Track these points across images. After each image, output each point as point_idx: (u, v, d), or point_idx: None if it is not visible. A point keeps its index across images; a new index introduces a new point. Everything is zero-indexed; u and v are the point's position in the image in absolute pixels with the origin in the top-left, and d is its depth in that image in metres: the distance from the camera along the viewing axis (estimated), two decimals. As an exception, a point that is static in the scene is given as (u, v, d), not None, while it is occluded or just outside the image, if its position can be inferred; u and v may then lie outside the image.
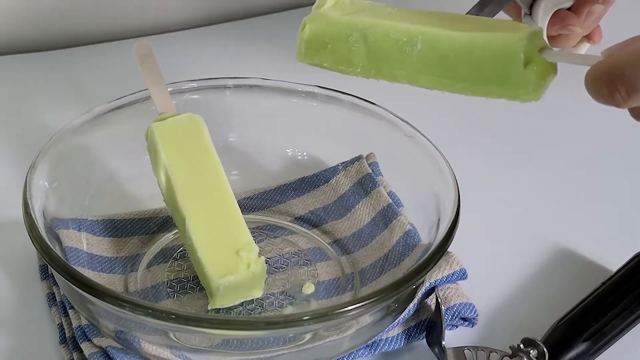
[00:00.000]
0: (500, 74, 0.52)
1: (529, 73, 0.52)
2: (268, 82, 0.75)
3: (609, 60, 0.50)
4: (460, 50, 0.53)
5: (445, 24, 0.55)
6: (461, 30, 0.54)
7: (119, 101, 0.71)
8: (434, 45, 0.54)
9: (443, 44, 0.54)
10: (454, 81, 0.54)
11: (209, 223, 0.63)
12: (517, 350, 0.60)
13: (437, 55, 0.54)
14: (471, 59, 0.53)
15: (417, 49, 0.54)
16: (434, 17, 0.57)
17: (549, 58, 0.52)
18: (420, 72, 0.55)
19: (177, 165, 0.65)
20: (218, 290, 0.61)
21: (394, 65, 0.56)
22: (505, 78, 0.52)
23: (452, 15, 0.57)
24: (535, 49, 0.53)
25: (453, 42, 0.53)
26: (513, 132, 0.86)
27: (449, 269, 0.64)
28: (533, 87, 0.52)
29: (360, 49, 0.57)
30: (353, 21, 0.57)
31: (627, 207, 0.78)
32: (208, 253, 0.62)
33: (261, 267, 0.62)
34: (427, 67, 0.54)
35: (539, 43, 0.53)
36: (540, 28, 0.54)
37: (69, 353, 0.61)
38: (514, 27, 0.54)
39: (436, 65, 0.54)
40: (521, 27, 0.54)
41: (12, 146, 0.81)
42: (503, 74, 0.52)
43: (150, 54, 0.69)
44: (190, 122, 0.67)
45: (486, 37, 0.53)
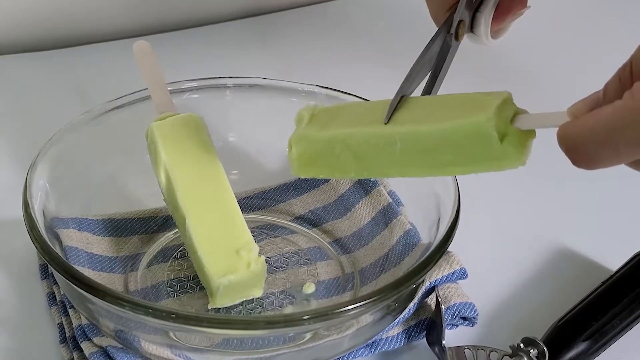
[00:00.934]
0: (481, 154, 0.53)
1: (507, 147, 0.53)
2: (268, 81, 0.75)
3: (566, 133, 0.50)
4: (437, 141, 0.54)
5: (415, 114, 0.57)
6: (432, 120, 0.55)
7: (119, 101, 0.71)
8: (412, 142, 0.56)
9: (419, 139, 0.55)
10: (441, 167, 0.56)
11: (209, 222, 0.63)
12: (517, 350, 0.60)
13: (418, 150, 0.55)
14: (450, 146, 0.54)
15: (397, 147, 0.56)
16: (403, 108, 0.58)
17: (522, 127, 0.53)
18: (407, 165, 0.56)
19: (177, 164, 0.65)
20: (218, 290, 0.61)
21: (382, 164, 0.57)
22: (487, 155, 0.53)
23: (419, 101, 0.58)
24: (506, 121, 0.53)
25: (428, 136, 0.55)
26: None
27: (449, 269, 0.64)
28: (515, 157, 0.53)
29: (348, 156, 0.58)
30: (332, 136, 0.59)
31: (627, 207, 0.78)
32: (208, 252, 0.62)
33: (261, 266, 0.62)
34: (412, 160, 0.56)
35: (509, 112, 0.53)
36: (507, 94, 0.54)
37: (69, 352, 0.61)
38: (481, 103, 0.54)
39: (420, 158, 0.56)
40: (487, 101, 0.54)
41: (12, 146, 0.81)
42: (483, 153, 0.53)
43: (150, 53, 0.69)
44: (190, 122, 0.67)
45: (457, 125, 0.54)
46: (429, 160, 0.55)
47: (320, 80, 0.74)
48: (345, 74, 0.89)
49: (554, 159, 0.83)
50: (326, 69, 0.92)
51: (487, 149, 0.53)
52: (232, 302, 0.63)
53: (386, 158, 0.57)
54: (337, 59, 0.96)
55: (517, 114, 0.53)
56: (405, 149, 0.56)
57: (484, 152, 0.53)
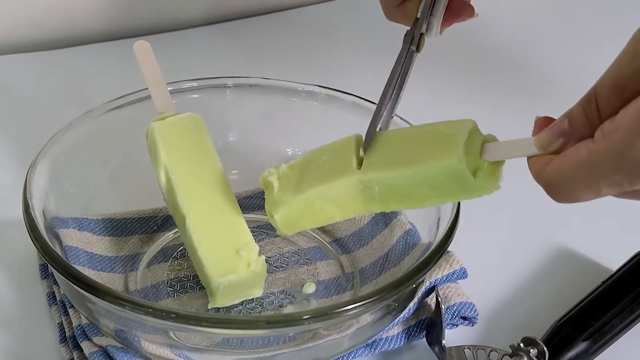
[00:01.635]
0: (456, 188, 0.55)
1: (480, 180, 0.54)
2: (268, 82, 0.75)
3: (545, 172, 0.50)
4: (413, 182, 0.56)
5: (386, 154, 0.58)
6: (404, 161, 0.57)
7: (118, 101, 0.71)
8: (389, 185, 0.57)
9: (396, 182, 0.57)
10: (420, 201, 0.57)
11: (209, 222, 0.63)
12: (517, 350, 0.60)
13: (395, 190, 0.57)
14: (426, 185, 0.56)
15: (375, 190, 0.57)
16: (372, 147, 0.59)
17: (491, 159, 0.54)
18: (387, 202, 0.58)
19: (177, 164, 0.65)
20: (218, 290, 0.61)
21: (364, 205, 0.59)
22: (462, 188, 0.55)
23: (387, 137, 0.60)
24: (476, 154, 0.54)
25: (404, 179, 0.56)
26: (513, 132, 0.86)
27: (449, 268, 0.64)
28: (489, 185, 0.55)
29: (330, 207, 0.60)
30: (309, 195, 0.60)
31: (627, 207, 0.78)
32: (208, 252, 0.62)
33: (261, 266, 0.62)
34: (392, 198, 0.58)
35: (477, 143, 0.55)
36: (472, 124, 0.55)
37: (69, 352, 0.61)
38: (448, 138, 0.55)
39: (399, 196, 0.57)
40: (454, 137, 0.55)
41: (12, 146, 0.81)
42: (459, 187, 0.55)
43: (150, 53, 0.69)
44: (190, 122, 0.67)
45: (429, 167, 0.55)
46: (408, 197, 0.57)
47: (320, 80, 0.74)
48: (345, 74, 0.89)
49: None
50: (326, 69, 0.92)
51: (461, 185, 0.54)
52: (232, 302, 0.63)
53: (366, 199, 0.58)
54: (337, 59, 0.96)
55: (485, 143, 0.54)
56: (383, 191, 0.57)
57: (459, 187, 0.55)
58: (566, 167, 0.49)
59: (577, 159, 0.48)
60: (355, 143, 0.60)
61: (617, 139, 0.46)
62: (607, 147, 0.47)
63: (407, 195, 0.57)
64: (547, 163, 0.50)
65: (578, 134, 0.49)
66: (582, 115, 0.49)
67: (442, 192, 0.56)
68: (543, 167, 0.51)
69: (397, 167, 0.57)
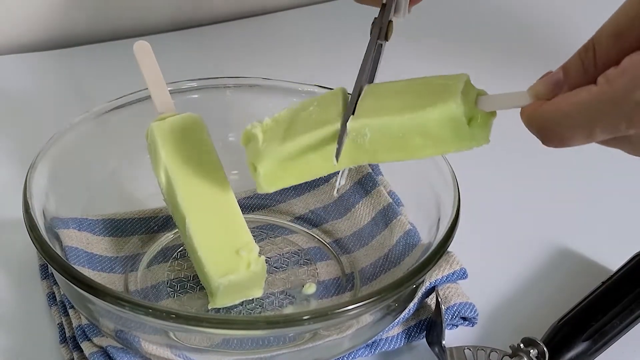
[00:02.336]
0: (450, 137, 0.55)
1: (475, 129, 0.55)
2: (268, 82, 0.75)
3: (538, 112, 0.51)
4: (407, 129, 0.56)
5: (379, 103, 0.58)
6: (398, 108, 0.56)
7: (119, 101, 0.71)
8: (382, 132, 0.57)
9: (389, 129, 0.56)
10: (410, 151, 0.57)
11: (209, 222, 0.63)
12: (517, 350, 0.60)
13: (387, 138, 0.57)
14: (420, 133, 0.56)
15: (367, 138, 0.57)
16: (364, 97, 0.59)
17: (486, 109, 0.55)
18: (376, 152, 0.58)
19: (177, 164, 0.65)
20: (218, 290, 0.61)
21: (353, 155, 0.58)
22: (456, 138, 0.55)
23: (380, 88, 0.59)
24: (471, 104, 0.55)
25: (399, 125, 0.56)
26: (513, 132, 0.86)
27: (449, 269, 0.64)
28: (481, 137, 0.55)
29: (315, 159, 0.59)
30: (298, 144, 0.59)
31: (627, 207, 0.78)
32: (208, 252, 0.62)
33: (261, 266, 0.62)
34: (382, 148, 0.57)
35: (471, 94, 0.55)
36: (466, 76, 0.56)
37: (69, 352, 0.61)
38: (444, 87, 0.56)
39: (390, 145, 0.57)
40: (450, 85, 0.55)
41: (12, 146, 0.81)
42: (452, 136, 0.55)
43: (150, 53, 0.69)
44: (190, 122, 0.67)
45: (426, 113, 0.55)
46: (399, 147, 0.57)
47: (320, 80, 0.74)
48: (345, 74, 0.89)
49: (553, 159, 0.83)
50: (326, 69, 0.92)
51: (456, 132, 0.54)
52: (232, 302, 0.63)
53: (355, 148, 0.57)
54: (337, 59, 0.96)
55: (479, 96, 0.55)
56: (375, 139, 0.57)
57: (453, 135, 0.55)
58: (563, 107, 0.50)
59: (576, 99, 0.49)
60: (342, 95, 0.60)
61: (622, 82, 0.47)
62: (611, 89, 0.48)
63: (399, 144, 0.56)
64: (539, 106, 0.51)
65: (572, 82, 0.50)
66: (578, 63, 0.50)
67: (435, 142, 0.55)
68: (537, 108, 0.51)
69: (393, 113, 0.56)
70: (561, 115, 0.50)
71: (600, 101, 0.48)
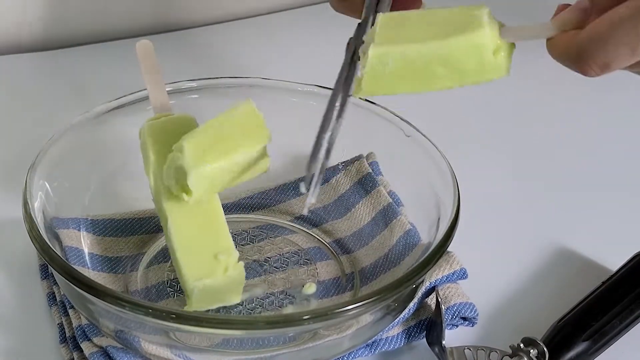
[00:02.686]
0: (473, 66, 0.55)
1: (500, 59, 0.55)
2: (268, 82, 0.75)
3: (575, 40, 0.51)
4: (431, 57, 0.55)
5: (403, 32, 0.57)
6: (425, 37, 0.56)
7: (119, 101, 0.71)
8: (406, 60, 0.56)
9: (414, 56, 0.55)
10: (430, 82, 0.56)
11: (190, 225, 0.63)
12: (517, 350, 0.60)
13: (409, 67, 0.56)
14: (444, 61, 0.55)
15: (389, 66, 0.56)
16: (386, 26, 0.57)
17: (510, 39, 0.55)
18: (395, 82, 0.56)
19: (164, 164, 0.64)
20: (193, 293, 0.60)
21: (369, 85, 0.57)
22: (478, 68, 0.55)
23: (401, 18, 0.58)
24: (496, 34, 0.55)
25: (424, 53, 0.55)
26: (513, 132, 0.86)
27: (449, 269, 0.64)
28: (504, 67, 0.55)
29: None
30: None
31: (627, 207, 0.78)
32: (186, 255, 0.62)
33: (239, 272, 0.62)
34: (402, 77, 0.56)
35: (495, 26, 0.55)
36: (488, 8, 0.56)
37: (69, 352, 0.61)
38: (469, 17, 0.55)
39: (410, 75, 0.56)
40: (475, 16, 0.55)
41: (12, 146, 0.81)
42: (476, 65, 0.55)
43: (152, 53, 0.69)
44: (182, 122, 0.66)
45: (455, 41, 0.55)
46: (419, 76, 0.56)
47: (320, 80, 0.74)
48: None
49: (554, 159, 0.83)
50: (326, 69, 0.92)
51: (480, 62, 0.55)
52: (209, 306, 0.62)
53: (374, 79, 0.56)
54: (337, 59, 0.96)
55: (501, 27, 0.55)
56: (397, 67, 0.56)
57: (476, 65, 0.55)
58: (603, 29, 0.49)
59: (616, 17, 0.49)
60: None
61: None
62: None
63: (420, 74, 0.56)
64: (575, 34, 0.51)
65: (600, 7, 0.50)
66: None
67: (457, 72, 0.55)
68: (573, 37, 0.51)
69: (418, 41, 0.55)
70: (602, 37, 0.49)
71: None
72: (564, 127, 0.87)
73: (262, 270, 0.67)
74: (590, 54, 0.50)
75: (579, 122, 0.87)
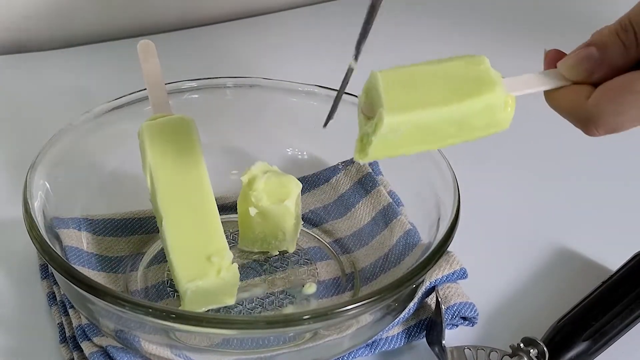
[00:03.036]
0: (484, 123, 0.54)
1: (507, 114, 0.54)
2: (268, 82, 0.75)
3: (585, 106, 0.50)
4: (447, 120, 0.54)
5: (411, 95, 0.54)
6: (439, 101, 0.53)
7: (119, 101, 0.71)
8: (419, 126, 0.53)
9: (428, 122, 0.53)
10: (439, 142, 0.55)
11: (185, 226, 0.63)
12: (517, 350, 0.60)
13: (421, 132, 0.54)
14: (457, 122, 0.54)
15: (399, 133, 0.53)
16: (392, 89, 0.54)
17: (517, 93, 0.54)
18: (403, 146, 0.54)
19: (161, 165, 0.65)
20: (186, 294, 0.60)
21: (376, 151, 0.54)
22: (488, 124, 0.54)
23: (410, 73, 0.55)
24: (505, 90, 0.54)
25: (440, 118, 0.53)
26: (513, 132, 0.86)
27: (449, 268, 0.64)
28: (506, 121, 0.54)
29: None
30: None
31: (627, 207, 0.78)
32: (180, 256, 0.62)
33: (233, 274, 0.62)
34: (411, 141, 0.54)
35: (499, 79, 0.54)
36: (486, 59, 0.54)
37: (69, 352, 0.61)
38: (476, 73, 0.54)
39: (420, 138, 0.54)
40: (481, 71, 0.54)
41: (12, 146, 0.81)
42: (487, 122, 0.54)
43: (154, 53, 0.69)
44: (180, 123, 0.67)
45: (469, 104, 0.53)
46: (429, 139, 0.54)
47: (320, 80, 0.74)
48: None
49: (554, 159, 0.83)
50: (326, 69, 0.92)
51: (491, 119, 0.54)
52: (202, 308, 0.62)
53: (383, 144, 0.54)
54: (337, 59, 0.96)
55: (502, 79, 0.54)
56: (409, 133, 0.53)
57: (487, 122, 0.54)
58: (620, 95, 0.49)
59: (633, 85, 0.48)
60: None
61: None
62: None
63: (430, 136, 0.54)
64: (586, 95, 0.50)
65: (611, 64, 0.49)
66: (617, 43, 0.49)
67: (467, 130, 0.54)
68: (582, 100, 0.50)
69: (432, 106, 0.53)
70: (619, 106, 0.49)
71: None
72: (564, 127, 0.86)
73: (262, 270, 0.67)
74: (601, 120, 0.50)
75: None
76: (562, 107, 0.51)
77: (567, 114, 0.51)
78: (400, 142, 0.54)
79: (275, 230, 0.66)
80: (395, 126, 0.53)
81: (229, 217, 0.69)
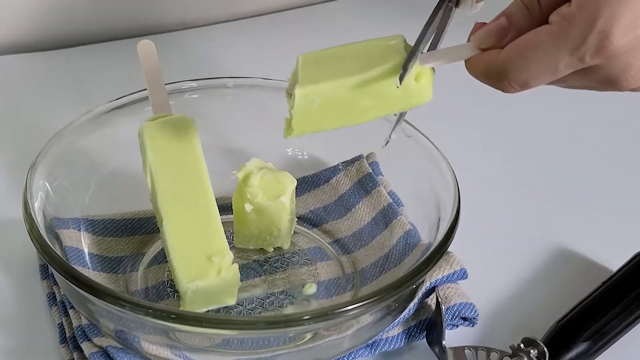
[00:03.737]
0: (397, 94, 0.56)
1: (422, 85, 0.56)
2: (268, 82, 0.75)
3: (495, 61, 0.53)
4: (356, 90, 0.57)
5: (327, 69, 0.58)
6: (348, 72, 0.57)
7: (119, 101, 0.71)
8: (330, 97, 0.57)
9: (338, 92, 0.57)
10: (360, 115, 0.58)
11: (185, 226, 0.63)
12: (517, 350, 0.60)
13: (336, 103, 0.57)
14: (369, 93, 0.57)
15: (316, 104, 0.58)
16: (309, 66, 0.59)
17: (430, 64, 0.56)
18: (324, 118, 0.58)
19: (161, 165, 0.65)
20: (186, 294, 0.60)
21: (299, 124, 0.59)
22: (402, 96, 0.56)
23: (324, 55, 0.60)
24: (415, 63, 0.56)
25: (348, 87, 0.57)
26: (513, 132, 0.86)
27: (450, 269, 0.64)
28: (426, 94, 0.57)
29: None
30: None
31: (627, 207, 0.78)
32: (180, 256, 0.62)
33: (233, 274, 0.62)
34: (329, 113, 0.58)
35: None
36: (402, 36, 0.58)
37: (69, 353, 0.61)
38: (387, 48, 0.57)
39: (338, 110, 0.58)
40: (393, 46, 0.57)
41: (12, 146, 0.81)
42: (400, 93, 0.56)
43: (154, 53, 0.69)
44: (180, 124, 0.67)
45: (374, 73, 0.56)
46: (347, 110, 0.58)
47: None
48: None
49: (554, 159, 0.83)
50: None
51: (404, 90, 0.56)
52: (203, 308, 0.62)
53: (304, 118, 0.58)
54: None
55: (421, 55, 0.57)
56: (324, 104, 0.57)
57: (401, 92, 0.56)
58: (525, 49, 0.52)
59: (536, 40, 0.51)
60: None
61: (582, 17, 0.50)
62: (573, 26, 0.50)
63: (347, 108, 0.57)
64: (496, 54, 0.53)
65: (519, 26, 0.53)
66: (522, 8, 0.53)
67: (382, 102, 0.57)
68: (494, 57, 0.53)
69: (341, 76, 0.57)
70: (523, 57, 0.52)
71: (564, 38, 0.50)
72: (565, 127, 0.87)
73: (262, 270, 0.67)
74: (511, 74, 0.52)
75: (579, 122, 0.87)
76: (478, 70, 0.54)
77: (482, 75, 0.54)
78: (320, 115, 0.58)
79: (270, 226, 0.66)
80: (309, 97, 0.57)
81: (229, 217, 0.69)
